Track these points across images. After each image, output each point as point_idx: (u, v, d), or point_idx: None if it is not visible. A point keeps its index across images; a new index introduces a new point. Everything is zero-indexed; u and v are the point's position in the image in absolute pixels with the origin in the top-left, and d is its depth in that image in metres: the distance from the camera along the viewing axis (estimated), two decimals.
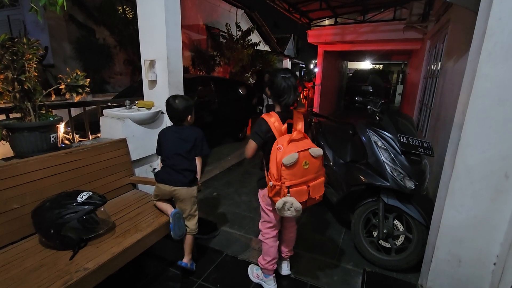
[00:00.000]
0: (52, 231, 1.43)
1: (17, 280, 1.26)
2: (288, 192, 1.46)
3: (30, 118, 1.83)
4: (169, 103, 1.86)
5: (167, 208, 1.87)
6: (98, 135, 2.61)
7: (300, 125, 1.58)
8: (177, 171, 1.84)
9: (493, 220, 1.58)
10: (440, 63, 3.99)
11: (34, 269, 1.33)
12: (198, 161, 1.92)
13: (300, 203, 1.47)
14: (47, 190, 1.70)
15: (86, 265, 1.36)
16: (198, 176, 1.93)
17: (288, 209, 1.46)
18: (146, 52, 2.64)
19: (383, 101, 2.38)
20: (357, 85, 11.75)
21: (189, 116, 1.90)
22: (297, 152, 1.43)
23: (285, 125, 1.54)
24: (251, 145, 1.61)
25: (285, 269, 1.97)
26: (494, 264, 1.63)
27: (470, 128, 1.53)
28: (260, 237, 1.82)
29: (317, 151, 1.50)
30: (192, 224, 1.91)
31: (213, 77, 6.23)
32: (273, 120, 1.54)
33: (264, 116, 1.58)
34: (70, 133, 2.73)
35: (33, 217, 1.48)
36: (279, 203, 1.46)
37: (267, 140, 1.56)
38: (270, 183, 1.49)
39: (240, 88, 5.83)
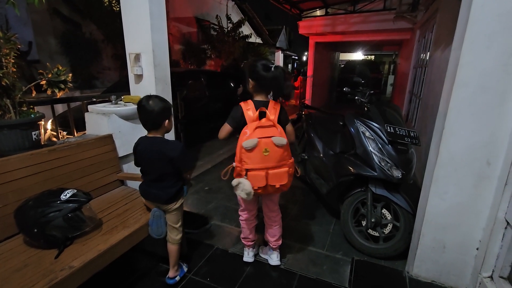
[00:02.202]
0: (36, 230, 1.41)
1: (0, 281, 1.24)
2: (246, 175, 1.56)
3: (10, 115, 1.79)
4: (142, 104, 1.55)
5: (152, 205, 1.81)
6: (86, 132, 2.56)
7: (273, 115, 1.63)
8: (157, 188, 1.67)
9: (475, 206, 1.61)
10: (428, 52, 4.00)
11: (18, 269, 1.31)
12: (184, 174, 1.75)
13: (259, 188, 1.57)
14: (30, 189, 1.67)
15: (71, 263, 1.35)
16: (189, 177, 1.82)
17: (242, 190, 1.56)
18: (131, 45, 2.58)
19: (371, 91, 2.39)
20: (349, 77, 11.74)
21: (167, 121, 1.62)
22: (259, 138, 1.51)
23: (257, 113, 1.60)
24: (225, 128, 1.72)
25: (275, 260, 1.98)
26: (477, 249, 1.67)
27: (454, 116, 1.54)
28: None
29: (279, 140, 1.53)
30: (173, 235, 1.76)
31: (203, 71, 6.16)
32: (247, 107, 1.64)
33: (241, 103, 1.67)
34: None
35: (16, 217, 1.45)
36: (234, 181, 1.58)
37: (241, 125, 1.63)
38: (234, 164, 1.61)
39: (231, 81, 5.78)
